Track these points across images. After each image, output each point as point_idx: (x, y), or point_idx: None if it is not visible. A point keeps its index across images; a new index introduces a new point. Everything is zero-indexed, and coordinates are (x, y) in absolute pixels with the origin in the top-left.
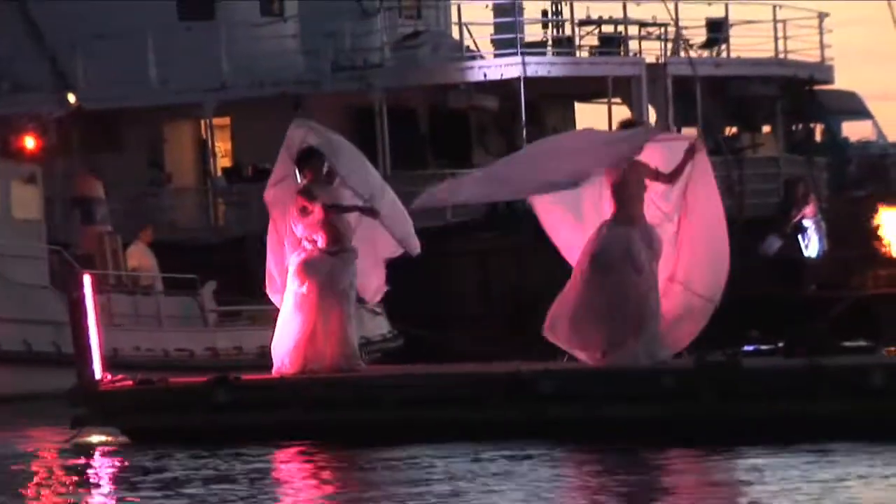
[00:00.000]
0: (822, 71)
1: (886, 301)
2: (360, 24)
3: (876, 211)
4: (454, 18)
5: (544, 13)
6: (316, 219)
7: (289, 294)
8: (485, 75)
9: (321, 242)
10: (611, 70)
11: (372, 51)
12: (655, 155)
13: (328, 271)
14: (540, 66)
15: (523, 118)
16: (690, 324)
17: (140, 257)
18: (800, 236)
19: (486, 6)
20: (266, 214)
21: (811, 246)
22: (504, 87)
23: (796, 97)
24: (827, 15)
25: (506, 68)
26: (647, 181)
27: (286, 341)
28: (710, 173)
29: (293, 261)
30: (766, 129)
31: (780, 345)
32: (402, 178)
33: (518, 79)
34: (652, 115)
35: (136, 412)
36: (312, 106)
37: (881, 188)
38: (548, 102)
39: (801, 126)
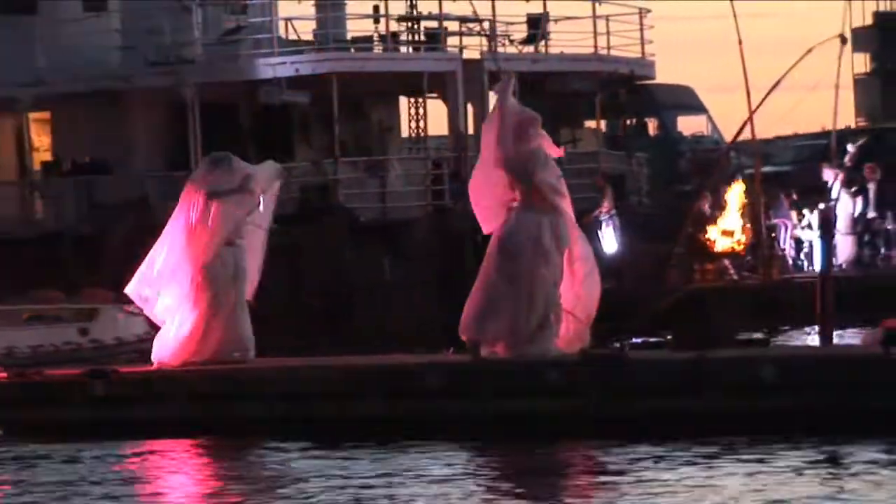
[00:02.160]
0: (643, 66)
1: (716, 295)
2: (180, 19)
3: (701, 205)
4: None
5: (375, 9)
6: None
7: (174, 287)
8: (296, 70)
9: (211, 235)
10: (427, 66)
11: (186, 46)
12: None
13: (218, 264)
14: (354, 62)
15: (335, 113)
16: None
17: None
18: (598, 232)
19: (306, 3)
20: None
21: (606, 242)
22: (325, 83)
23: (616, 94)
24: (648, 11)
25: (318, 64)
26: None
27: (171, 334)
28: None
29: (182, 255)
30: (590, 124)
31: (669, 337)
32: None
33: (331, 74)
34: (470, 111)
35: (9, 406)
36: (129, 101)
37: (711, 183)
38: (373, 97)
39: (634, 121)
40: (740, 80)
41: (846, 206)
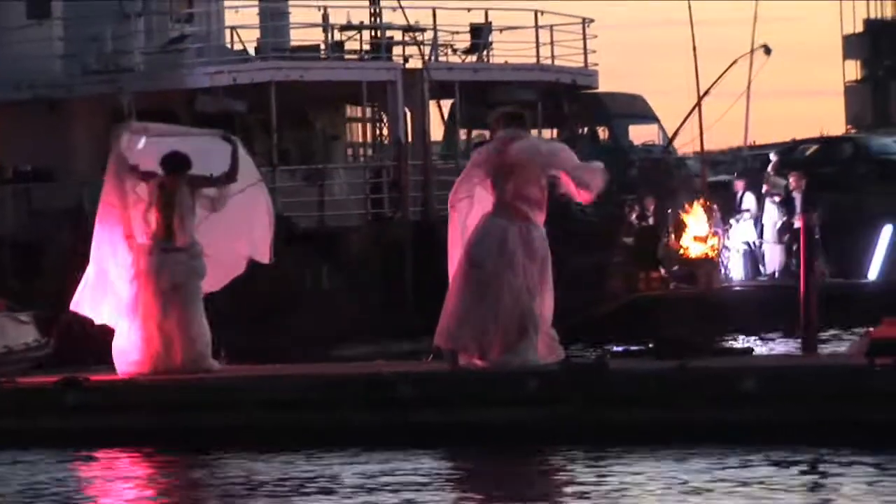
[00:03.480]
0: (586, 76)
1: (661, 303)
2: (123, 27)
3: (630, 214)
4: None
5: (325, 17)
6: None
7: (133, 293)
8: (234, 80)
9: (154, 236)
10: (366, 76)
11: (125, 54)
12: None
13: (159, 267)
14: (292, 72)
15: (274, 122)
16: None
17: None
18: None
19: (251, 12)
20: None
21: None
22: (266, 92)
23: (559, 104)
24: (592, 20)
25: (256, 73)
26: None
27: (133, 342)
28: None
29: (135, 259)
30: (534, 133)
31: (651, 346)
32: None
33: (270, 83)
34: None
35: None
36: (70, 109)
37: (658, 192)
38: (317, 106)
39: (585, 129)
40: (727, 87)
41: (772, 216)
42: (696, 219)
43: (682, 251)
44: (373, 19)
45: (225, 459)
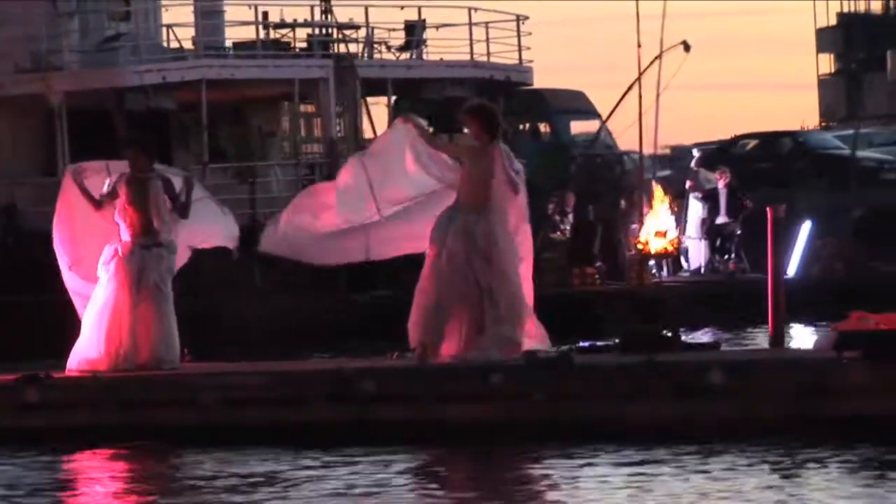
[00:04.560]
0: (521, 73)
1: (601, 299)
2: (57, 26)
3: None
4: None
5: (265, 15)
6: (125, 208)
7: (99, 288)
8: (164, 78)
9: (131, 233)
10: (298, 73)
11: (58, 53)
12: None
13: (139, 264)
14: (223, 69)
15: (205, 120)
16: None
17: None
18: None
19: (187, 10)
20: None
21: None
22: (199, 89)
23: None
24: (526, 18)
25: (186, 71)
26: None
27: (95, 337)
28: None
29: (105, 253)
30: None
31: (617, 341)
32: None
33: (201, 81)
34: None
35: None
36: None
37: (598, 187)
38: (253, 103)
39: (526, 126)
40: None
41: (697, 211)
42: (657, 214)
43: (642, 246)
44: (323, 16)
45: (186, 456)
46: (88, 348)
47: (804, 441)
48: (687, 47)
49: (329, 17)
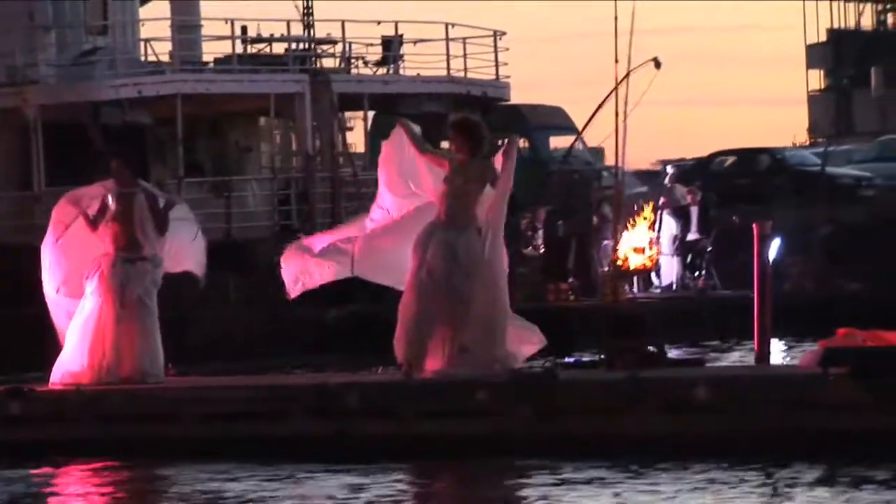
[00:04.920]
0: (498, 88)
1: (576, 314)
2: (35, 40)
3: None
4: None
5: (244, 30)
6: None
7: (83, 301)
8: (139, 92)
9: (115, 247)
10: (274, 87)
11: (32, 66)
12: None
13: (123, 278)
14: (198, 84)
15: (180, 134)
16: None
17: None
18: None
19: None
20: None
21: None
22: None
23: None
24: (503, 33)
25: (161, 86)
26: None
27: (78, 350)
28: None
29: (96, 271)
30: (444, 144)
31: (602, 356)
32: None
33: (176, 95)
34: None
35: None
36: None
37: (574, 203)
38: (230, 118)
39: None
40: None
41: (670, 228)
42: (635, 230)
43: (620, 262)
44: (305, 31)
45: (168, 471)
46: (72, 361)
47: (789, 457)
48: (657, 64)
49: (311, 31)
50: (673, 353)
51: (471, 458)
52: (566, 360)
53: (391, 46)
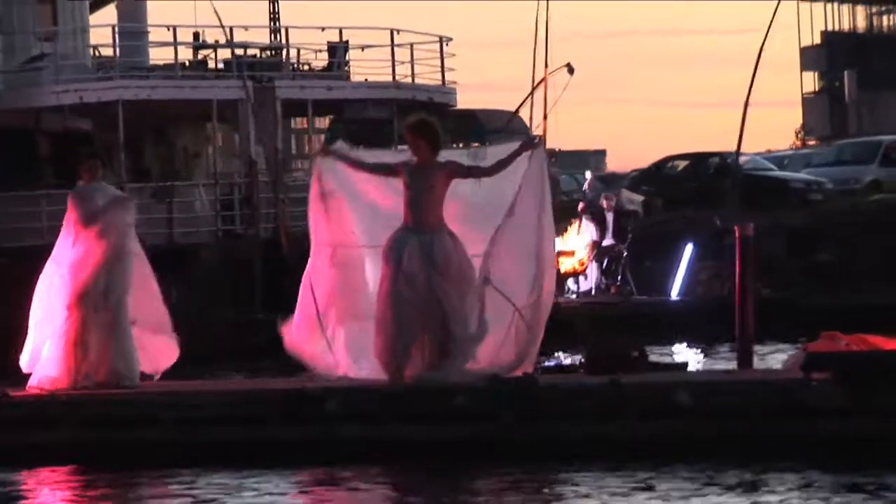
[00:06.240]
0: (444, 93)
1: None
2: None
3: None
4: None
5: (196, 36)
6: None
7: (59, 304)
8: (80, 98)
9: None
10: (217, 94)
11: None
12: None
13: (101, 281)
14: (140, 90)
15: (121, 140)
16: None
17: None
18: None
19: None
20: None
21: None
22: (125, 109)
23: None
24: (450, 39)
25: (103, 92)
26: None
27: (54, 354)
28: (543, 179)
29: (65, 271)
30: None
31: (582, 360)
32: (12, 199)
33: (117, 101)
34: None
35: None
36: None
37: None
38: (177, 123)
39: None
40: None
41: (591, 234)
42: (568, 234)
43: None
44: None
45: (144, 476)
46: (48, 366)
47: (770, 462)
48: (571, 70)
49: (278, 36)
50: None
51: (450, 463)
52: (546, 364)
53: (336, 53)
